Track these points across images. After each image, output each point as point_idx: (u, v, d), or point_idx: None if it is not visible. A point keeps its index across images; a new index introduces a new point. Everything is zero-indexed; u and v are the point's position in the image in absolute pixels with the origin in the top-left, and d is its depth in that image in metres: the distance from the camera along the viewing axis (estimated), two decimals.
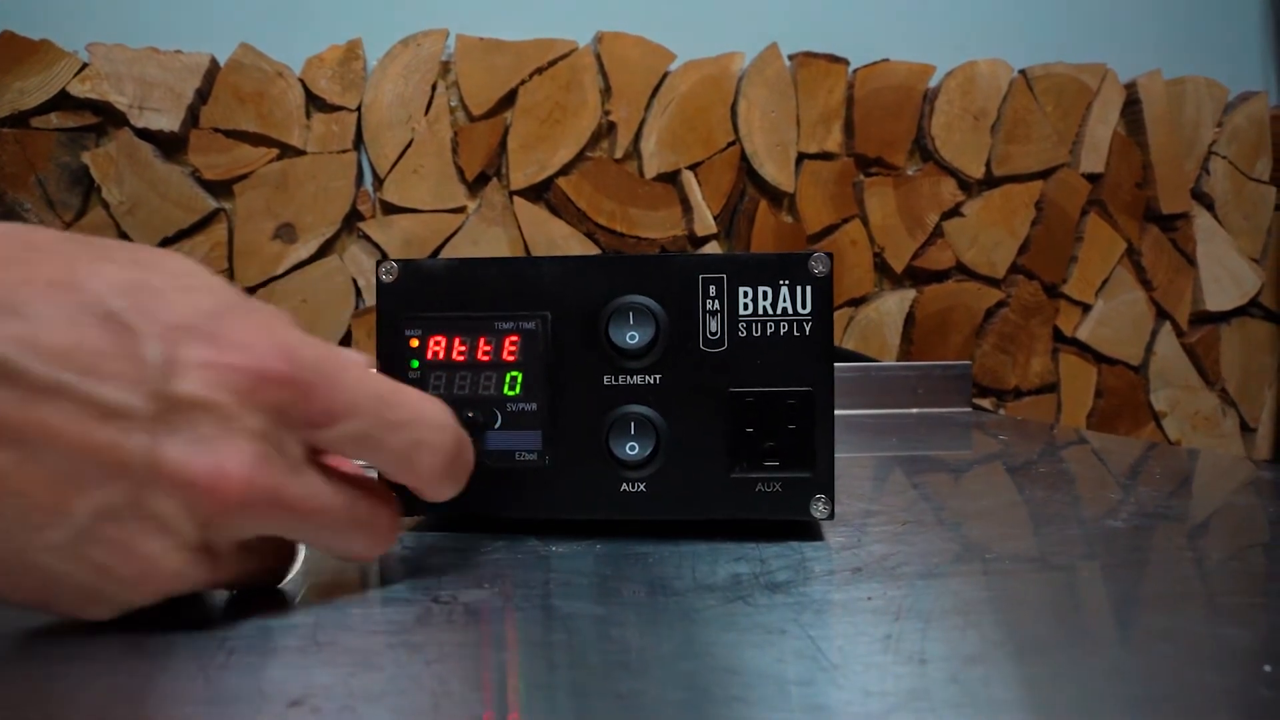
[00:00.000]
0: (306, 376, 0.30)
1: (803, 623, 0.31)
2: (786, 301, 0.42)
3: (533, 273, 0.43)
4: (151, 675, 0.27)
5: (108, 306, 0.28)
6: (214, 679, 0.26)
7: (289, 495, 0.30)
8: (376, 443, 0.32)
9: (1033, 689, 0.27)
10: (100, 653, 0.29)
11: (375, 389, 0.32)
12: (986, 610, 0.34)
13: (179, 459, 0.28)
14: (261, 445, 0.29)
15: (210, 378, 0.28)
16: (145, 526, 0.28)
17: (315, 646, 0.29)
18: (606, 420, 0.42)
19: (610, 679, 0.27)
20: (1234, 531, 0.48)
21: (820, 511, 0.42)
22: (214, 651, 0.28)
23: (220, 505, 0.29)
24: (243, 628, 0.30)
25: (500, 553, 0.40)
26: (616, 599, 0.34)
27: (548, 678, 0.27)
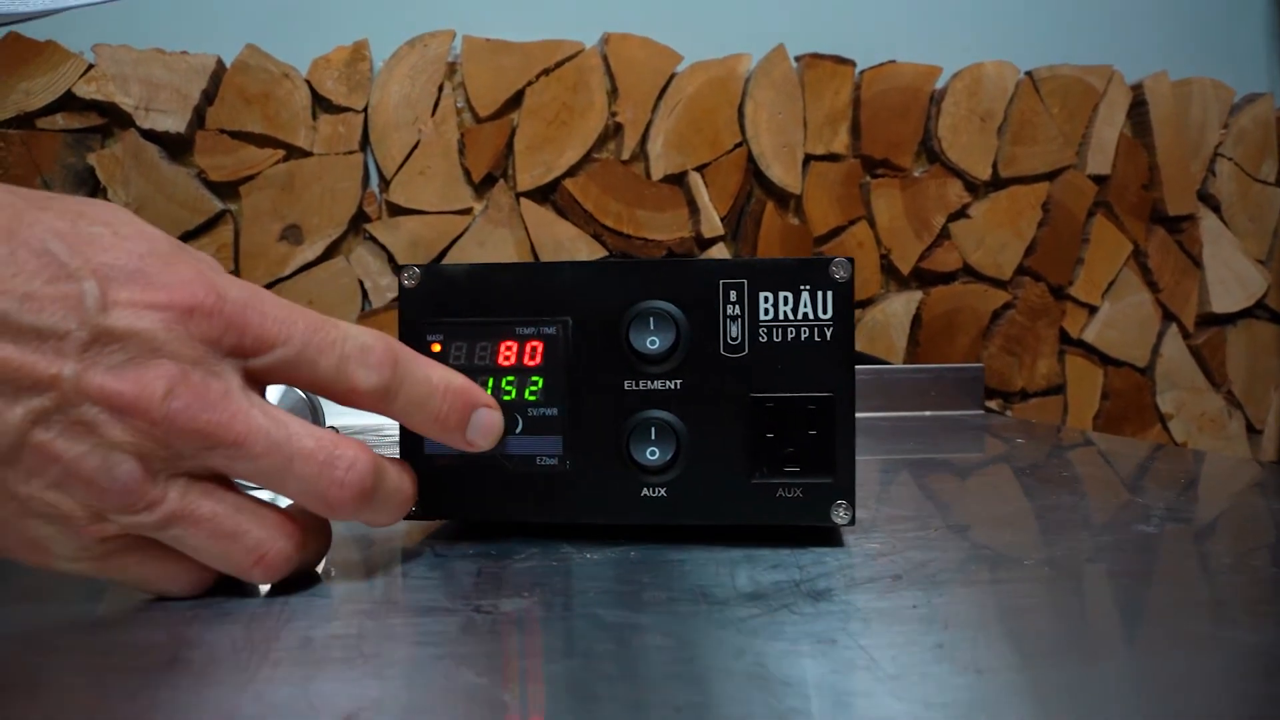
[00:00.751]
0: (233, 308, 0.33)
1: (851, 632, 0.31)
2: (807, 307, 0.42)
3: (554, 278, 0.42)
4: (197, 689, 0.26)
5: (46, 247, 0.30)
6: (262, 693, 0.26)
7: (214, 415, 0.32)
8: (311, 364, 0.35)
9: (1095, 698, 0.27)
10: (141, 665, 0.28)
11: (304, 316, 0.35)
12: (1032, 617, 0.34)
13: (104, 378, 0.30)
14: (188, 368, 0.32)
15: (141, 312, 0.31)
16: (72, 429, 0.30)
17: (361, 659, 0.29)
18: (627, 425, 0.42)
19: (666, 691, 0.26)
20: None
21: (841, 517, 0.42)
22: (259, 664, 0.28)
23: (144, 418, 0.31)
24: (285, 640, 0.30)
25: (534, 560, 0.40)
26: (660, 607, 0.34)
27: (602, 690, 0.27)
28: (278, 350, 0.34)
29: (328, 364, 0.35)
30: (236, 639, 0.30)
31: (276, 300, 0.35)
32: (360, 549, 0.43)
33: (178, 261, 0.33)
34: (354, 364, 0.35)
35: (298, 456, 0.33)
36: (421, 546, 0.43)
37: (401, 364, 0.37)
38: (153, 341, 0.31)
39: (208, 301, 0.32)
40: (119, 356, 0.31)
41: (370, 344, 0.36)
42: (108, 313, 0.31)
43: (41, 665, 0.29)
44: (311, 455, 0.34)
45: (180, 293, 0.32)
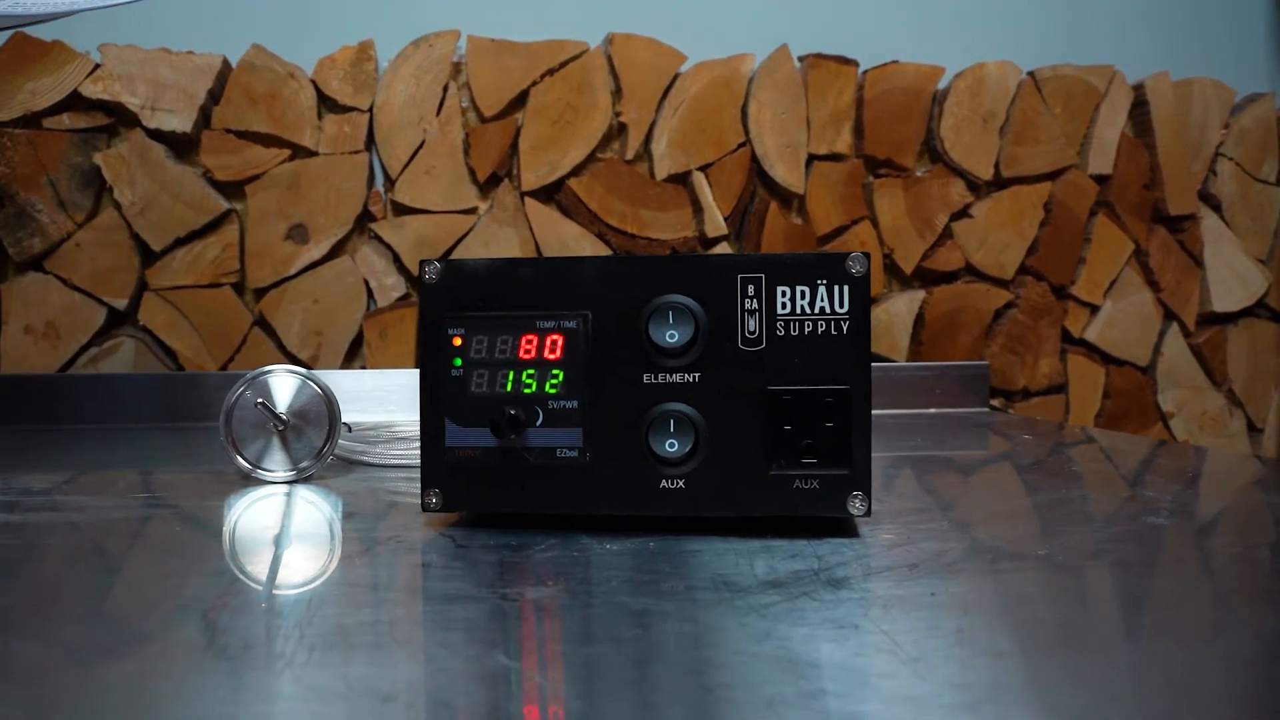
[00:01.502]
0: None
1: (872, 617, 0.32)
2: (824, 301, 0.42)
3: (574, 272, 0.43)
4: (237, 672, 0.27)
5: None
6: (301, 676, 0.26)
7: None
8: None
9: (1108, 681, 0.27)
10: (179, 651, 0.29)
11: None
12: (1046, 605, 0.35)
13: None
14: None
15: None
16: None
17: (395, 644, 0.29)
18: (646, 418, 0.43)
19: (696, 674, 0.27)
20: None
21: (857, 508, 0.43)
22: (294, 649, 0.28)
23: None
24: (317, 626, 0.31)
25: (554, 550, 0.41)
26: (682, 595, 0.34)
27: (633, 673, 0.27)
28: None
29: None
30: (270, 626, 0.31)
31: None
32: (381, 540, 0.44)
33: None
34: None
35: None
36: (441, 537, 0.44)
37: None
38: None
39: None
40: None
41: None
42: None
43: (80, 655, 0.29)
44: None
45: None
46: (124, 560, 0.42)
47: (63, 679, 0.27)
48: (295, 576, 0.37)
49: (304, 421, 0.59)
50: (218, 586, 0.36)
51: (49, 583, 0.38)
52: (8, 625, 0.32)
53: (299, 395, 0.59)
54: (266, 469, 0.59)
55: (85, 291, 1.10)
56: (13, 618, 0.33)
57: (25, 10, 0.57)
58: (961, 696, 0.26)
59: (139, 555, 0.42)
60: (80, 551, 0.43)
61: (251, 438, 0.59)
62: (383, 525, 0.47)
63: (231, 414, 0.58)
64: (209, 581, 0.37)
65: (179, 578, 0.37)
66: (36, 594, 0.36)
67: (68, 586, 0.38)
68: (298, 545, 0.43)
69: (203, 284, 1.12)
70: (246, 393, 0.58)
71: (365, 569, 0.39)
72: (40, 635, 0.31)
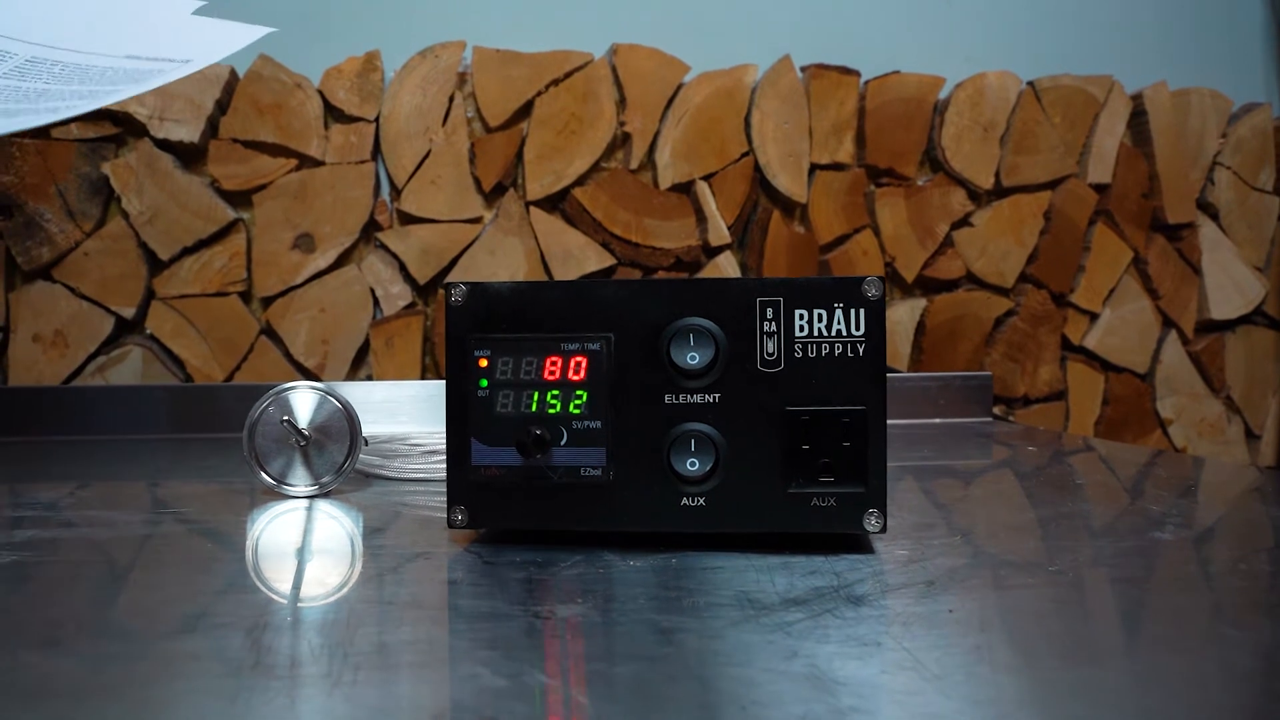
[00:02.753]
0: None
1: (894, 635, 0.33)
2: (841, 324, 0.43)
3: (597, 295, 0.44)
4: (287, 691, 0.28)
5: None
6: (351, 695, 0.27)
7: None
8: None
9: (1133, 693, 0.28)
10: (229, 669, 0.30)
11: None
12: (1063, 620, 0.36)
13: None
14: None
15: None
16: None
17: (437, 662, 0.30)
18: (668, 437, 0.44)
19: (730, 691, 0.28)
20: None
21: (873, 525, 0.44)
22: (341, 668, 0.29)
23: None
24: (359, 645, 0.32)
25: (579, 567, 0.42)
26: (709, 612, 0.35)
27: (669, 690, 0.28)
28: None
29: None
30: (313, 644, 0.32)
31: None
32: (409, 556, 0.45)
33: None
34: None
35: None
36: (467, 555, 0.45)
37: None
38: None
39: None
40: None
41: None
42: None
43: (132, 674, 0.30)
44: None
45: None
46: (155, 577, 0.43)
47: (117, 697, 0.28)
48: (330, 594, 0.38)
49: (325, 437, 0.60)
50: (254, 604, 0.37)
51: (83, 600, 0.39)
52: (53, 643, 0.33)
53: (319, 411, 0.59)
54: (290, 484, 0.60)
55: (93, 300, 1.11)
56: (58, 636, 0.34)
57: (65, 112, 0.56)
58: (985, 713, 0.27)
59: (169, 572, 0.43)
60: (108, 568, 0.44)
61: (274, 453, 0.60)
62: (409, 541, 0.48)
63: (255, 430, 0.59)
64: (245, 599, 0.38)
65: (213, 595, 0.38)
66: (74, 611, 0.37)
67: (102, 605, 0.39)
68: (327, 562, 0.44)
69: (210, 293, 1.12)
70: (270, 409, 0.59)
71: (398, 586, 0.40)
72: (84, 653, 0.32)
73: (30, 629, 0.35)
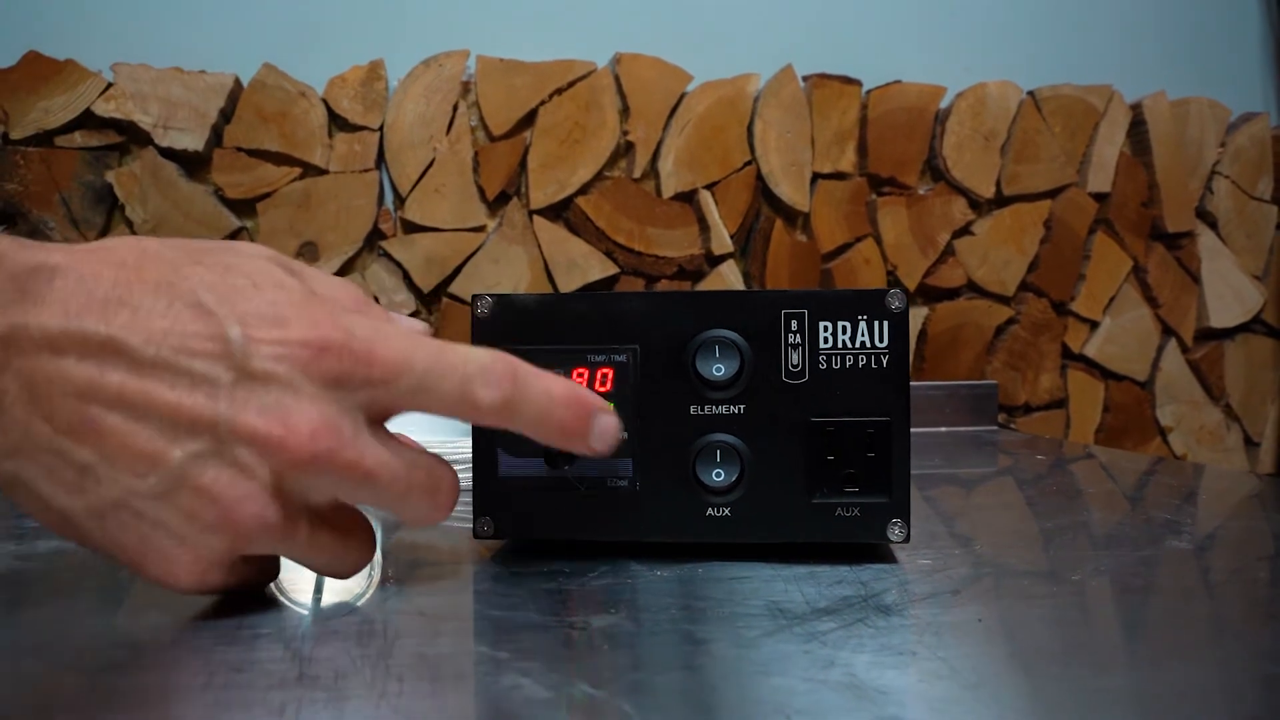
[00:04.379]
0: (360, 345, 0.35)
1: (927, 644, 0.33)
2: (865, 335, 0.44)
3: (622, 308, 0.44)
4: (334, 702, 0.28)
5: (198, 299, 0.34)
6: (398, 706, 0.28)
7: (349, 453, 0.35)
8: (435, 389, 0.36)
9: (1171, 699, 0.29)
10: (273, 681, 0.30)
11: (425, 345, 0.37)
12: (1093, 628, 0.36)
13: (253, 419, 0.33)
14: (324, 407, 0.34)
15: (279, 353, 0.34)
16: (228, 472, 0.34)
17: (481, 674, 0.30)
18: (693, 448, 0.44)
19: (773, 701, 0.28)
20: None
21: (896, 535, 0.44)
22: (385, 680, 0.30)
23: (289, 458, 0.34)
24: (399, 656, 0.32)
25: (607, 578, 0.42)
26: (743, 622, 0.36)
27: (712, 699, 0.28)
28: (403, 380, 0.36)
29: (450, 387, 0.37)
30: (354, 655, 0.32)
31: (400, 332, 0.37)
32: (437, 567, 0.45)
33: (310, 305, 0.36)
34: (476, 384, 0.37)
35: (416, 489, 0.37)
36: (494, 565, 0.45)
37: (520, 379, 0.38)
38: (292, 382, 0.34)
39: (336, 339, 0.35)
40: (265, 398, 0.34)
41: (489, 363, 0.37)
42: (250, 357, 0.34)
43: (176, 683, 0.30)
44: (422, 486, 0.37)
45: (313, 333, 0.35)
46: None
47: (174, 709, 0.28)
48: (363, 604, 0.39)
49: None
50: (289, 615, 0.37)
51: (103, 607, 0.39)
52: (89, 653, 0.33)
53: None
54: None
55: None
56: (96, 646, 0.34)
57: None
58: None
59: None
60: (120, 578, 0.44)
61: None
62: (433, 551, 0.48)
63: None
64: (277, 610, 0.38)
65: (246, 605, 0.38)
66: (99, 619, 0.38)
67: (131, 613, 0.39)
68: None
69: None
70: None
71: (430, 597, 0.40)
72: (132, 666, 0.32)
73: (64, 644, 0.35)
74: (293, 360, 0.34)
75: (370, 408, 0.36)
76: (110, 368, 0.33)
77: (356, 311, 0.38)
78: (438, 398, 0.37)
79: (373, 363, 0.35)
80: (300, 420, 0.34)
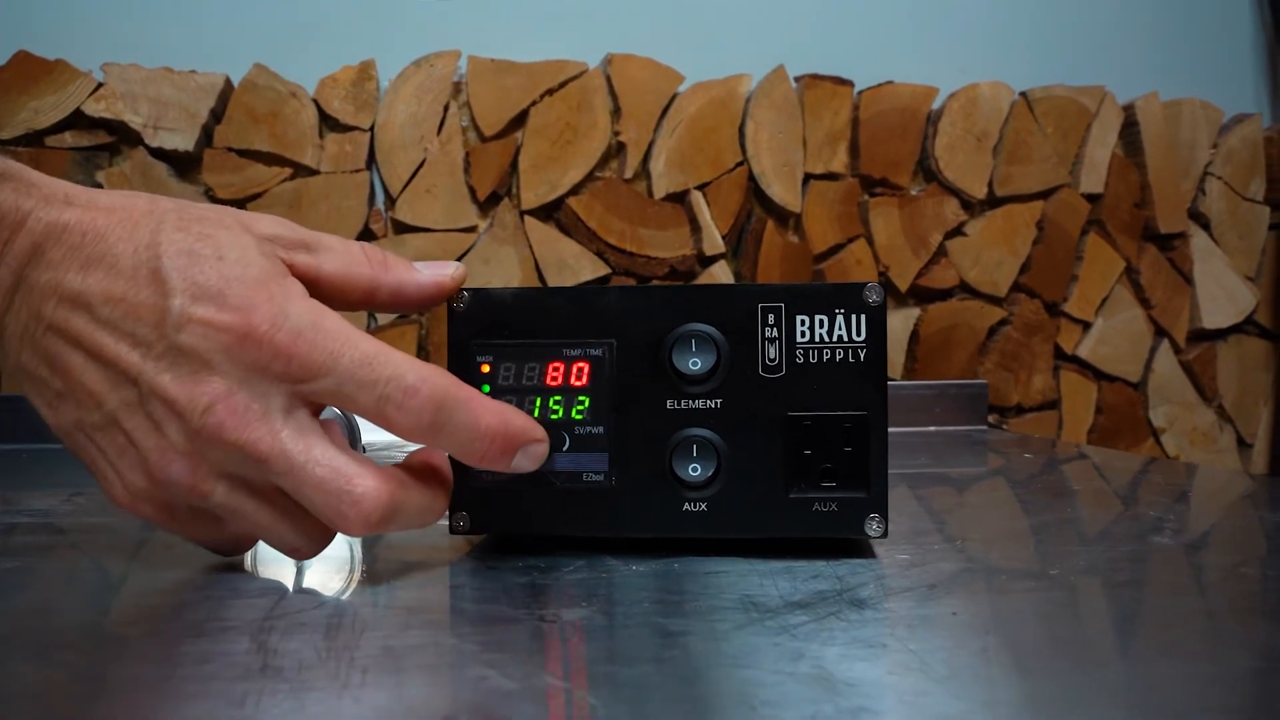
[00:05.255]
0: (284, 337, 0.38)
1: (899, 636, 0.33)
2: (842, 329, 0.44)
3: (599, 302, 0.44)
4: (295, 694, 0.28)
5: (160, 265, 0.38)
6: (360, 698, 0.27)
7: (247, 432, 0.38)
8: (350, 398, 0.39)
9: (1145, 692, 0.29)
10: (236, 673, 0.30)
11: (355, 350, 0.39)
12: (1066, 622, 0.36)
13: (166, 382, 0.38)
14: (234, 388, 0.38)
15: (205, 331, 0.37)
16: (146, 423, 0.38)
17: (445, 666, 0.30)
18: (670, 443, 0.44)
19: (739, 693, 0.28)
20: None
21: (874, 530, 0.44)
22: (349, 671, 0.29)
23: (187, 425, 0.38)
24: (366, 649, 0.32)
25: (582, 572, 0.42)
26: (715, 615, 0.36)
27: (679, 691, 0.28)
28: (320, 380, 0.38)
29: (366, 400, 0.39)
30: (320, 648, 0.32)
31: (335, 332, 0.39)
32: (411, 561, 0.45)
33: (259, 289, 0.38)
34: (391, 406, 0.38)
35: (309, 483, 0.38)
36: (470, 559, 0.45)
37: (446, 409, 0.39)
38: (210, 359, 0.37)
39: (260, 329, 0.38)
40: (182, 368, 0.38)
41: (414, 386, 0.38)
42: (180, 330, 0.38)
43: (139, 676, 0.30)
44: (322, 484, 0.38)
45: (242, 318, 0.38)
46: (153, 580, 0.42)
47: (135, 700, 0.28)
48: (333, 598, 0.39)
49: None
50: (257, 608, 0.37)
51: (69, 600, 0.39)
52: (56, 648, 0.33)
53: (324, 410, 0.59)
54: None
55: None
56: (62, 642, 0.34)
57: None
58: (996, 714, 0.27)
59: (172, 575, 0.43)
60: (97, 572, 0.44)
61: None
62: (409, 547, 0.48)
63: None
64: (248, 603, 0.38)
65: (215, 599, 0.38)
66: (65, 612, 0.37)
67: (98, 606, 0.39)
68: (327, 566, 0.44)
69: None
70: None
71: (402, 591, 0.40)
72: (96, 658, 0.32)
73: (34, 635, 0.35)
74: (216, 340, 0.37)
75: (294, 397, 0.39)
76: (76, 316, 0.38)
77: (304, 298, 0.39)
78: (356, 406, 0.39)
79: (291, 358, 0.38)
80: (201, 392, 0.37)
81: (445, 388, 0.39)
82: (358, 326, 1.08)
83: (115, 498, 0.40)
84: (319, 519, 0.39)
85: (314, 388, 0.38)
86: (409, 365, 0.39)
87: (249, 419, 0.37)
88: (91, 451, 0.40)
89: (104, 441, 0.39)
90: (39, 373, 0.39)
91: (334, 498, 0.38)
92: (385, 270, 0.43)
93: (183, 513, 0.41)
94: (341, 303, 0.43)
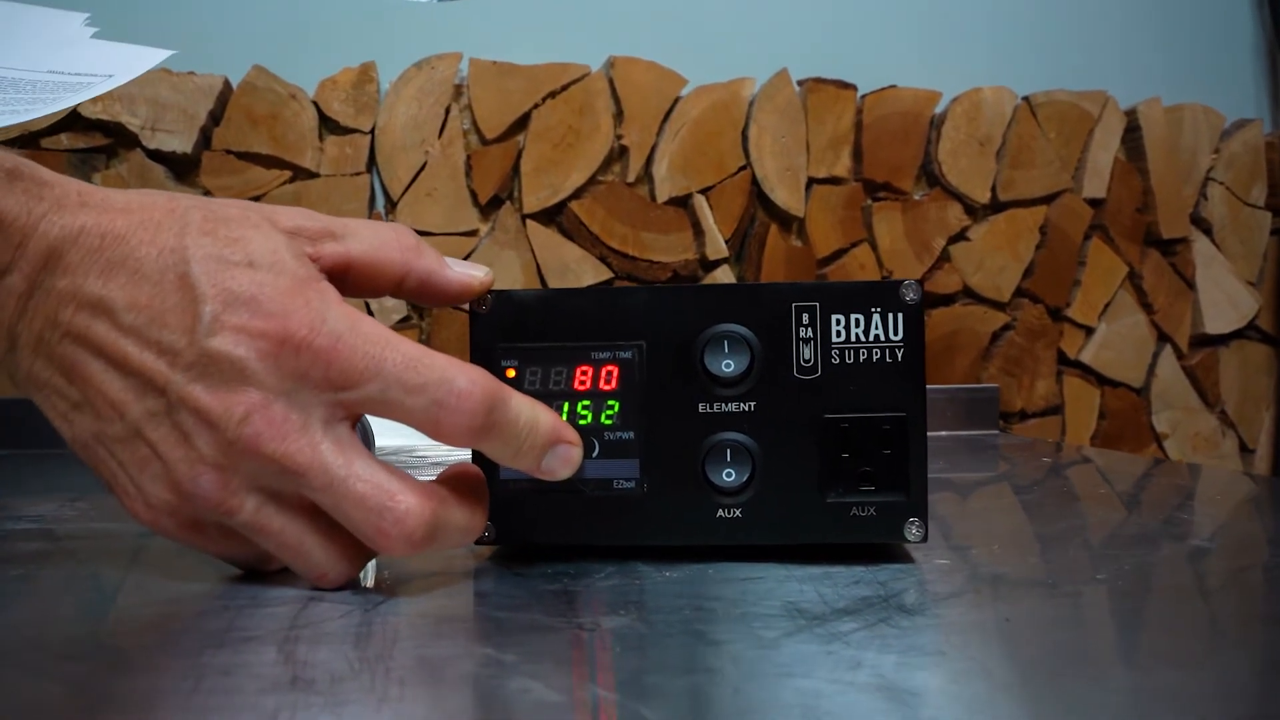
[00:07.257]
0: (324, 343, 0.36)
1: (954, 643, 0.32)
2: (879, 328, 0.43)
3: (628, 302, 0.43)
4: (331, 707, 0.27)
5: (189, 270, 0.36)
6: (398, 711, 0.26)
7: (286, 444, 0.36)
8: (397, 404, 0.37)
9: (1222, 700, 0.28)
10: (265, 685, 0.28)
11: (399, 354, 0.37)
12: (1119, 628, 0.35)
13: (198, 392, 0.36)
14: (271, 398, 0.36)
15: (240, 339, 0.36)
16: (174, 435, 0.36)
17: (487, 677, 0.29)
18: (702, 447, 0.43)
19: (800, 704, 0.27)
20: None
21: (914, 534, 0.43)
22: (384, 683, 0.28)
23: (221, 436, 0.36)
24: (399, 659, 0.31)
25: (614, 579, 0.41)
26: (756, 623, 0.34)
27: (733, 703, 0.27)
28: (364, 387, 0.36)
29: (416, 405, 0.37)
30: (351, 659, 0.30)
31: (375, 336, 0.37)
32: (431, 569, 0.44)
33: (294, 294, 0.37)
34: (445, 411, 0.37)
35: (350, 499, 0.36)
36: (497, 566, 0.44)
37: (496, 410, 0.37)
38: (246, 367, 0.36)
39: (299, 334, 0.36)
40: (215, 376, 0.36)
41: (466, 389, 0.37)
42: (212, 335, 0.36)
43: (158, 688, 0.29)
44: (363, 500, 0.36)
45: (278, 324, 0.36)
46: (163, 589, 0.41)
47: (158, 716, 0.27)
48: (357, 607, 0.37)
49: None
50: (279, 618, 0.35)
51: (86, 610, 0.38)
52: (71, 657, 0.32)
53: None
54: None
55: None
56: (79, 650, 0.33)
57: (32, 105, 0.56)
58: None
59: (185, 584, 0.42)
60: (106, 579, 0.43)
61: None
62: (429, 556, 0.46)
63: None
64: (269, 612, 0.36)
65: (236, 609, 0.37)
66: (82, 622, 0.36)
67: (115, 616, 0.37)
68: None
69: None
70: None
71: (427, 599, 0.38)
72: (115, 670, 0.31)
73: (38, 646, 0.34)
74: (252, 347, 0.36)
75: (336, 407, 0.37)
76: (98, 322, 0.36)
77: (341, 304, 0.38)
78: (403, 412, 0.37)
79: (330, 364, 0.36)
80: (236, 401, 0.36)
81: (494, 389, 0.37)
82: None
83: (136, 513, 0.38)
84: (357, 538, 0.38)
85: (357, 395, 0.36)
86: (455, 367, 0.37)
87: (287, 430, 0.36)
88: (111, 465, 0.38)
89: (125, 454, 0.37)
90: (54, 382, 0.37)
91: (375, 515, 0.36)
92: (418, 256, 0.42)
93: (208, 528, 0.39)
94: (373, 288, 0.42)
